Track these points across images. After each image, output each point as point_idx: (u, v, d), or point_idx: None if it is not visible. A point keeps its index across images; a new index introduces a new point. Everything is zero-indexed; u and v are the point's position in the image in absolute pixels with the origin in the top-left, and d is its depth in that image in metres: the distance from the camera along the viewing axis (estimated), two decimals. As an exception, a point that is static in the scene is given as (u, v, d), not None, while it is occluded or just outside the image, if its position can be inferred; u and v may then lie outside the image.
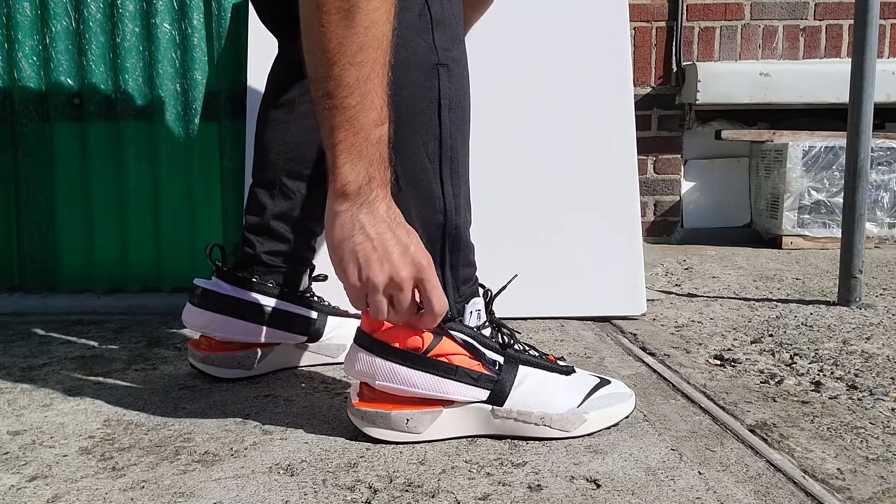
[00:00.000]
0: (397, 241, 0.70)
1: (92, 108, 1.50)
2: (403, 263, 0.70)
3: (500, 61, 1.39)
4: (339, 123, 0.66)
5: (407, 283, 0.70)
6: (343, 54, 0.65)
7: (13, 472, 0.72)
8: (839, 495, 0.66)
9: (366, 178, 0.68)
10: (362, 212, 0.69)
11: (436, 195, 0.77)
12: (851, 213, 1.42)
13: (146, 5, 1.48)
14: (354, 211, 0.69)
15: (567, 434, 0.78)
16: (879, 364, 1.05)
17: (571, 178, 1.37)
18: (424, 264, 0.71)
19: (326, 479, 0.70)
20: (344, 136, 0.67)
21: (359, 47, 0.65)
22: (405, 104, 0.74)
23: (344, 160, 0.67)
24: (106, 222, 1.53)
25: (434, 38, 0.75)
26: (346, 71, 0.65)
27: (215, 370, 0.99)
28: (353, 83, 0.66)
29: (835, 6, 2.38)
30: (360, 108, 0.66)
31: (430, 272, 0.72)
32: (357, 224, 0.69)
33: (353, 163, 0.67)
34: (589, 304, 1.34)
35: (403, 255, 0.70)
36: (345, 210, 0.69)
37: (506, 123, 1.38)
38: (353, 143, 0.67)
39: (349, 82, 0.66)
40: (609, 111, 1.39)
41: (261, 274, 1.00)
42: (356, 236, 0.69)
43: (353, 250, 0.69)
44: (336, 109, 0.66)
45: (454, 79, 0.77)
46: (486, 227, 1.33)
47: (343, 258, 0.69)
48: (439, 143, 0.76)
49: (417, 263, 0.70)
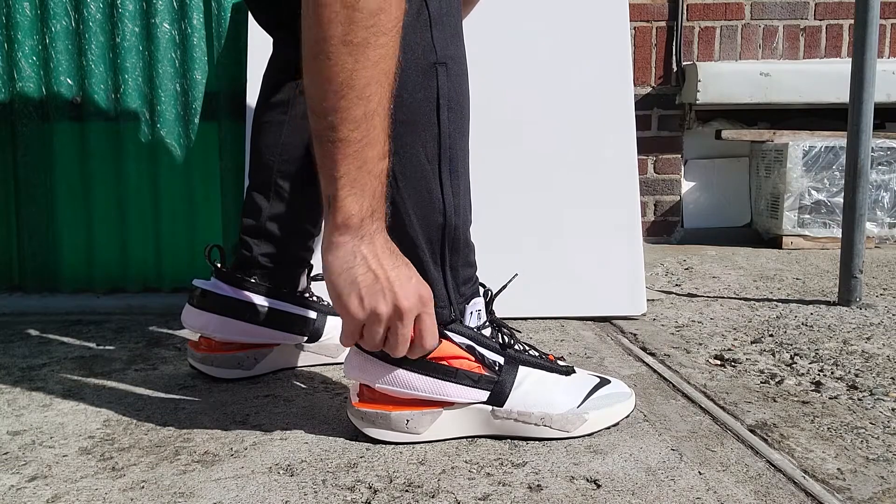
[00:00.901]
0: (400, 272, 0.69)
1: (92, 108, 1.50)
2: (407, 294, 0.69)
3: (501, 61, 1.39)
4: (343, 157, 0.65)
5: (410, 315, 0.70)
6: (352, 88, 0.64)
7: (13, 472, 0.72)
8: (839, 495, 0.66)
9: (368, 211, 0.67)
10: (364, 243, 0.68)
11: (435, 195, 0.76)
12: (852, 213, 1.42)
13: (146, 5, 1.48)
14: (356, 242, 0.68)
15: (567, 434, 0.78)
16: (880, 364, 1.05)
17: (572, 178, 1.37)
18: (426, 297, 0.71)
19: (326, 479, 0.70)
20: (348, 169, 0.66)
21: (367, 81, 0.64)
22: (404, 104, 0.73)
23: (347, 193, 0.66)
24: (106, 222, 1.53)
25: (432, 36, 0.74)
26: (353, 105, 0.64)
27: (215, 371, 0.99)
28: (360, 117, 0.64)
29: (835, 6, 2.38)
30: (365, 142, 0.65)
31: (431, 305, 0.72)
32: (358, 255, 0.68)
33: (356, 196, 0.66)
34: (589, 304, 1.34)
35: (407, 285, 0.69)
36: (346, 242, 0.68)
37: (506, 123, 1.38)
38: (357, 178, 0.66)
39: (356, 116, 0.64)
40: (609, 111, 1.39)
41: (259, 275, 1.00)
42: (357, 268, 0.68)
43: (354, 281, 0.68)
44: (341, 143, 0.65)
45: (453, 77, 0.76)
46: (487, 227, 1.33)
47: (343, 290, 0.68)
48: (438, 142, 0.76)
49: (421, 295, 0.70)
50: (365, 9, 0.62)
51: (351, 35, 0.62)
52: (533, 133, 1.38)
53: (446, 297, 0.78)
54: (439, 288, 0.77)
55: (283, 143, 1.00)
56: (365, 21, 0.62)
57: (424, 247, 0.76)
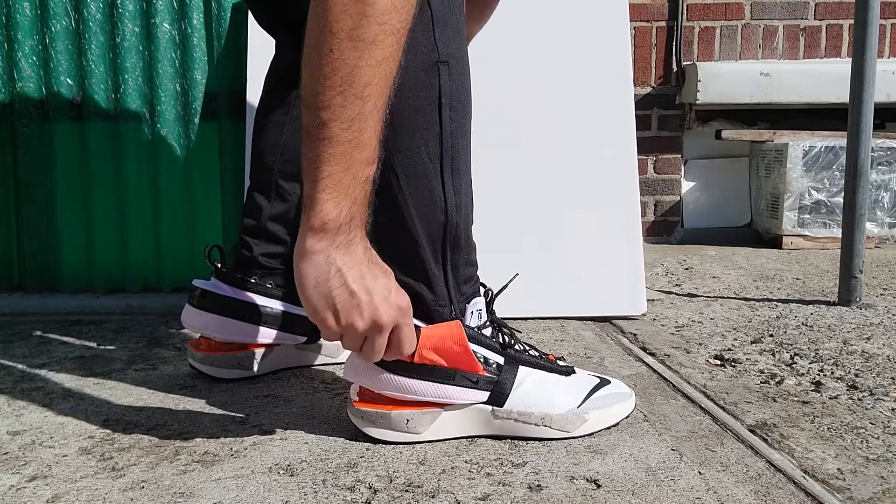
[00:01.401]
0: (378, 285, 0.67)
1: (92, 108, 1.50)
2: (386, 308, 0.67)
3: (501, 61, 1.39)
4: (329, 156, 0.63)
5: (388, 328, 0.68)
6: (351, 85, 0.61)
7: (13, 472, 0.72)
8: (839, 495, 0.66)
9: (347, 217, 0.65)
10: (339, 252, 0.65)
11: (437, 194, 0.76)
12: (852, 213, 1.42)
13: (146, 5, 1.48)
14: (331, 251, 0.65)
15: (567, 434, 0.78)
16: (880, 364, 1.05)
17: (572, 178, 1.37)
18: (405, 308, 0.69)
19: (326, 479, 0.70)
20: (332, 170, 0.63)
21: (368, 80, 0.62)
22: (406, 103, 0.73)
23: (328, 196, 0.63)
24: (106, 222, 1.53)
25: (435, 35, 0.73)
26: (349, 102, 0.61)
27: (215, 371, 0.99)
28: (354, 117, 0.62)
29: (835, 6, 2.38)
30: (355, 143, 0.63)
31: (409, 315, 0.70)
32: (333, 267, 0.65)
33: (337, 200, 0.63)
34: (589, 304, 1.34)
35: (386, 299, 0.67)
36: (320, 250, 0.65)
37: (506, 123, 1.38)
38: (341, 181, 0.63)
39: (350, 115, 0.62)
40: (609, 111, 1.39)
41: (259, 276, 1.00)
42: (332, 281, 0.65)
43: (328, 296, 0.65)
44: (329, 141, 0.62)
45: (455, 76, 0.76)
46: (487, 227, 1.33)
47: (318, 305, 0.66)
48: (440, 141, 0.75)
49: (399, 308, 0.69)
50: (378, 4, 0.60)
51: (360, 30, 0.60)
52: (533, 133, 1.38)
53: (447, 296, 0.78)
54: (440, 286, 0.77)
55: (285, 143, 1.00)
56: (377, 17, 0.61)
57: (426, 245, 0.76)
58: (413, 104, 0.74)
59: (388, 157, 0.73)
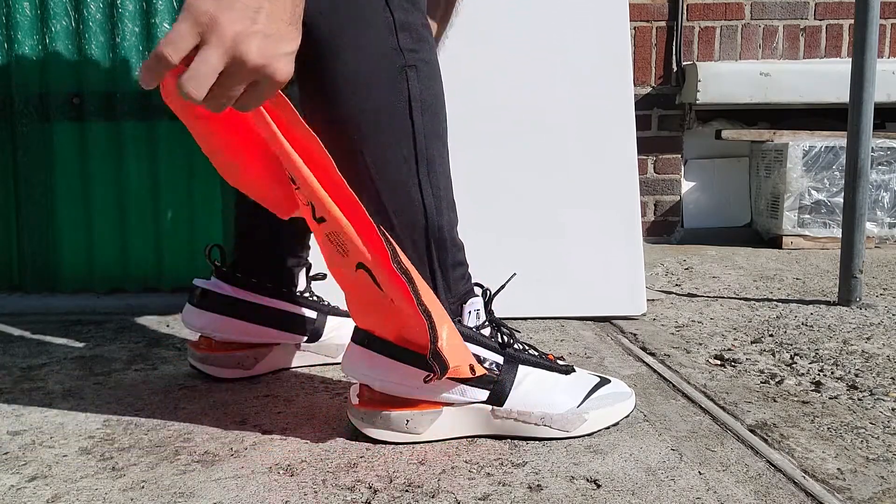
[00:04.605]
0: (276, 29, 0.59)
1: (92, 108, 1.50)
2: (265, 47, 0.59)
3: (501, 61, 1.39)
4: None
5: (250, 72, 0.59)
6: None
7: (13, 472, 0.72)
8: (839, 495, 0.66)
9: None
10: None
11: (414, 197, 0.77)
12: (852, 213, 1.42)
13: (146, 5, 1.48)
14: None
15: (567, 434, 0.78)
16: (880, 364, 1.05)
17: (571, 178, 1.37)
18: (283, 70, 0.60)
19: (326, 479, 0.70)
20: None
21: None
22: (376, 108, 0.74)
23: None
24: (106, 222, 1.53)
25: (399, 40, 0.74)
26: None
27: (215, 370, 0.99)
28: None
29: (835, 6, 2.38)
30: None
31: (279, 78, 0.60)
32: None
33: None
34: (589, 304, 1.34)
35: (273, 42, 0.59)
36: None
37: (506, 123, 1.38)
38: None
39: None
40: (609, 111, 1.39)
41: (259, 275, 1.00)
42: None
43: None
44: None
45: (424, 80, 0.76)
46: (487, 227, 1.33)
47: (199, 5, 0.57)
48: (414, 144, 0.76)
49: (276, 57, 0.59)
50: None
51: None
52: (533, 132, 1.38)
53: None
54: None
55: None
56: None
57: (409, 249, 0.77)
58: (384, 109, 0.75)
59: (363, 165, 0.74)
